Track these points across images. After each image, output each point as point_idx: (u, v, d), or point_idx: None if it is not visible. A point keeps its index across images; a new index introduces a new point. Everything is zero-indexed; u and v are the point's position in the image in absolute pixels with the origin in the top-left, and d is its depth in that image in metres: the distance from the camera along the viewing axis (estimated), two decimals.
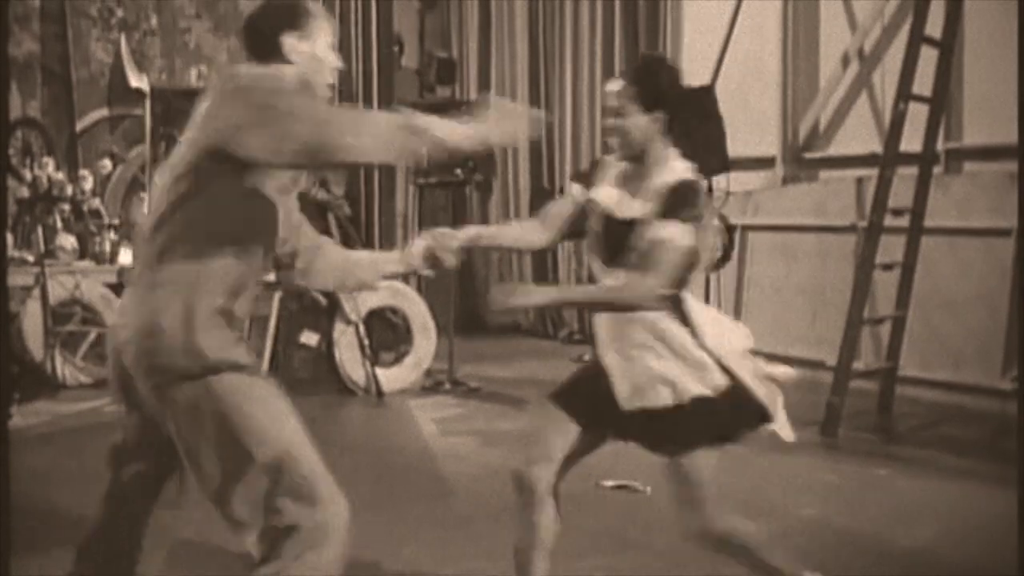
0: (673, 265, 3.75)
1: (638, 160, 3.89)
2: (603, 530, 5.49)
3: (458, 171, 9.49)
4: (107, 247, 10.59)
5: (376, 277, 4.19)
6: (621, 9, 11.51)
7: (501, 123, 3.58)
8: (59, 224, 10.40)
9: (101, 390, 8.99)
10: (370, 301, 9.28)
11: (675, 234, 3.73)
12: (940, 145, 8.36)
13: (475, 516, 5.67)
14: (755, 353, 4.10)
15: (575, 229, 4.14)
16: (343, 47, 10.53)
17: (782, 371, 4.24)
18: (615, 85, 3.92)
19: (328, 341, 9.07)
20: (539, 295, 4.16)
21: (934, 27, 7.73)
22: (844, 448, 7.18)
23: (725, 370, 3.95)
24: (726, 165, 8.97)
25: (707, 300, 8.85)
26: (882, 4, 9.51)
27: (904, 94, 7.60)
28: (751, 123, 10.06)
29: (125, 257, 10.51)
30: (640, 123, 3.84)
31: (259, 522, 3.43)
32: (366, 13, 10.57)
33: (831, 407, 7.47)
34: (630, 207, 3.85)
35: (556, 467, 4.07)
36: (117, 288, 10.01)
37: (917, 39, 7.62)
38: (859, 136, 9.72)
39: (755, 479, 6.34)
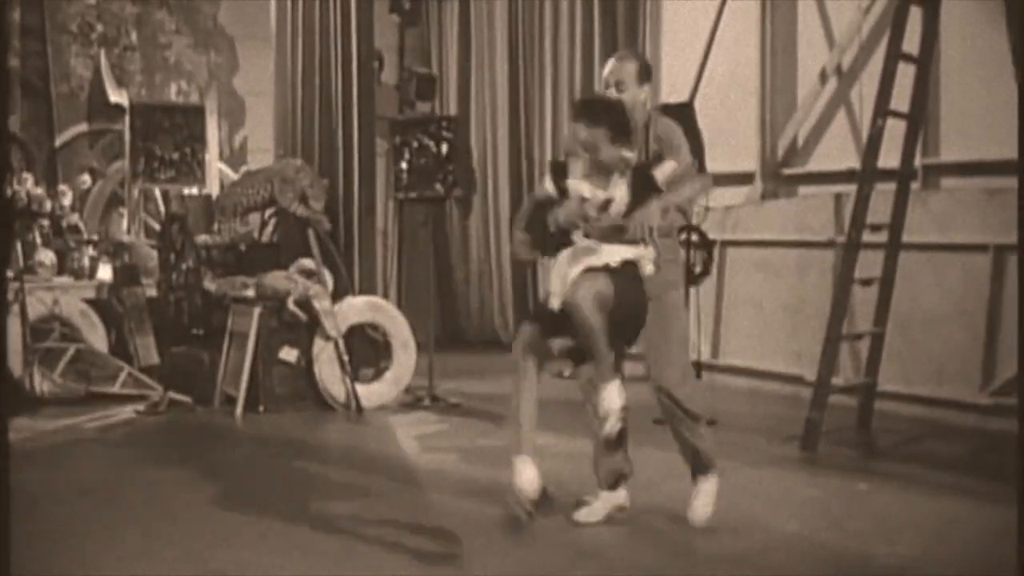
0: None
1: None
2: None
3: (438, 186, 9.48)
4: (86, 263, 10.57)
5: None
6: (600, 26, 11.54)
7: None
8: (38, 240, 10.36)
9: (79, 407, 8.98)
10: (350, 317, 9.28)
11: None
12: (918, 161, 8.39)
13: (455, 532, 5.66)
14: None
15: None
16: (322, 63, 10.57)
17: None
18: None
19: (308, 357, 9.05)
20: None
21: (911, 44, 7.77)
22: (824, 463, 7.19)
23: None
24: None
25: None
26: (859, 21, 9.56)
27: (882, 110, 7.63)
28: (730, 139, 10.10)
29: (104, 273, 10.49)
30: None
31: None
32: (346, 29, 10.56)
33: (811, 422, 7.48)
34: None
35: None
36: (96, 304, 10.00)
37: (894, 56, 7.66)
38: (837, 152, 9.76)
39: (735, 494, 6.33)
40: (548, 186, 5.25)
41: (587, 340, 5.01)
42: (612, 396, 5.07)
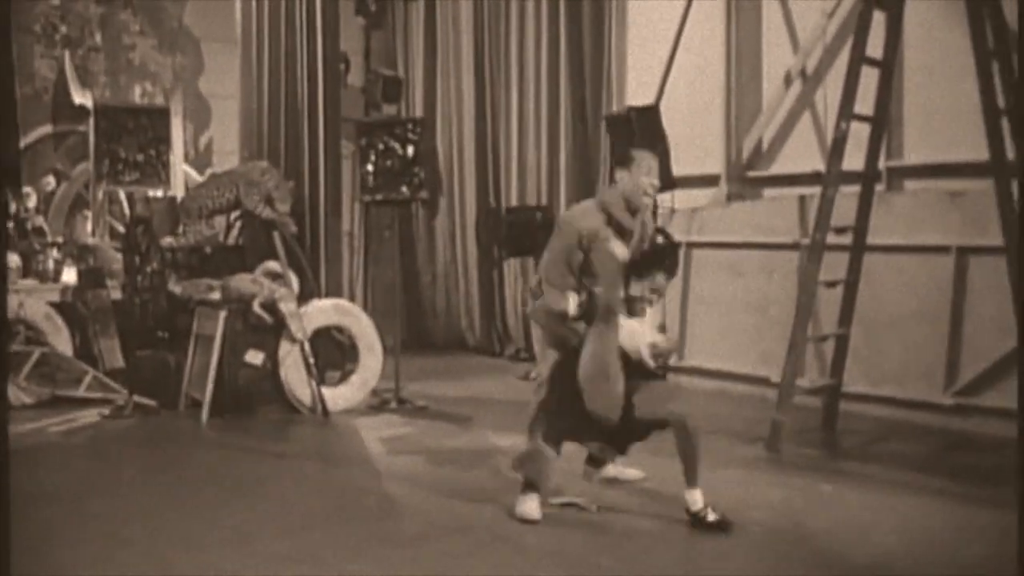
0: None
1: None
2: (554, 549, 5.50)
3: (404, 188, 9.48)
4: (51, 265, 10.51)
5: None
6: (566, 30, 11.56)
7: None
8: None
9: (44, 410, 8.93)
10: (316, 320, 9.26)
11: None
12: (882, 163, 8.44)
13: (422, 534, 5.66)
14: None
15: None
16: (288, 65, 10.55)
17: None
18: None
19: (274, 360, 9.02)
20: None
21: (875, 48, 7.82)
22: (789, 464, 7.23)
23: None
24: (671, 183, 9.03)
25: None
26: (824, 25, 9.62)
27: (846, 113, 7.68)
28: (696, 142, 10.14)
29: (68, 275, 10.44)
30: None
31: None
32: (311, 31, 10.54)
33: (776, 423, 7.52)
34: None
35: None
36: (60, 307, 9.94)
37: (858, 59, 7.70)
38: (802, 155, 9.82)
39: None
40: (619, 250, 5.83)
41: None
42: None
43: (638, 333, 5.68)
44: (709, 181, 10.36)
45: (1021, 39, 6.28)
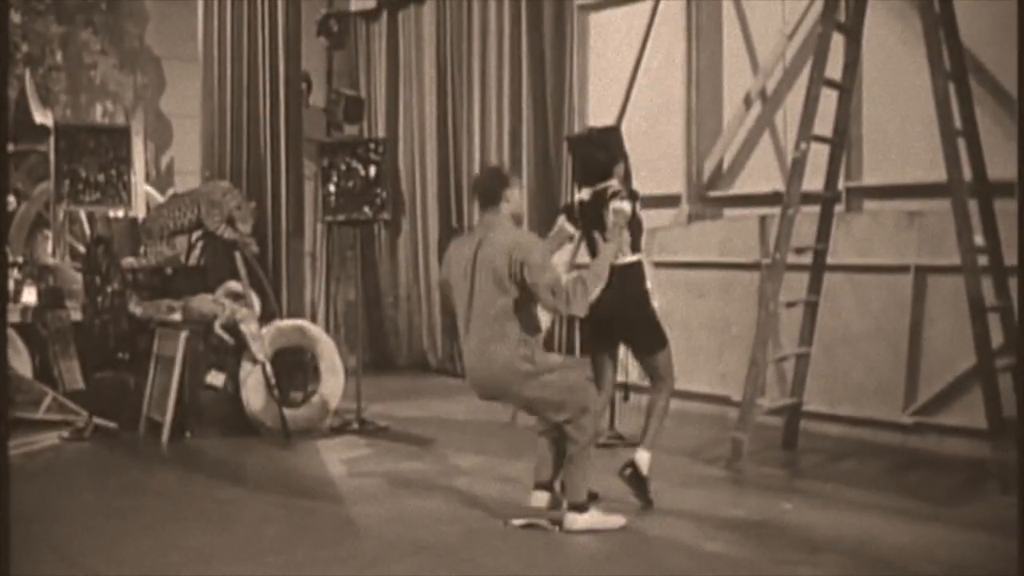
0: None
1: None
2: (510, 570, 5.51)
3: (366, 209, 9.47)
4: (11, 286, 10.43)
5: None
6: (528, 50, 11.60)
7: None
8: None
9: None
10: (278, 341, 9.23)
11: None
12: (841, 184, 8.51)
13: (383, 556, 5.66)
14: None
15: None
16: (250, 84, 10.54)
17: None
18: None
19: (235, 381, 8.99)
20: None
21: (834, 69, 7.89)
22: (749, 483, 7.26)
23: None
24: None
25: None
26: (783, 46, 9.69)
27: (805, 134, 7.73)
28: (657, 162, 10.17)
29: (28, 296, 10.37)
30: None
31: None
32: (273, 51, 10.55)
33: (736, 442, 7.55)
34: None
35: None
36: (20, 327, 9.86)
37: (818, 81, 7.77)
38: (762, 175, 9.88)
39: (660, 514, 6.40)
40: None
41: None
42: None
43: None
44: (670, 201, 10.40)
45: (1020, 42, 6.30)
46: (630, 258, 6.67)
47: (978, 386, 7.31)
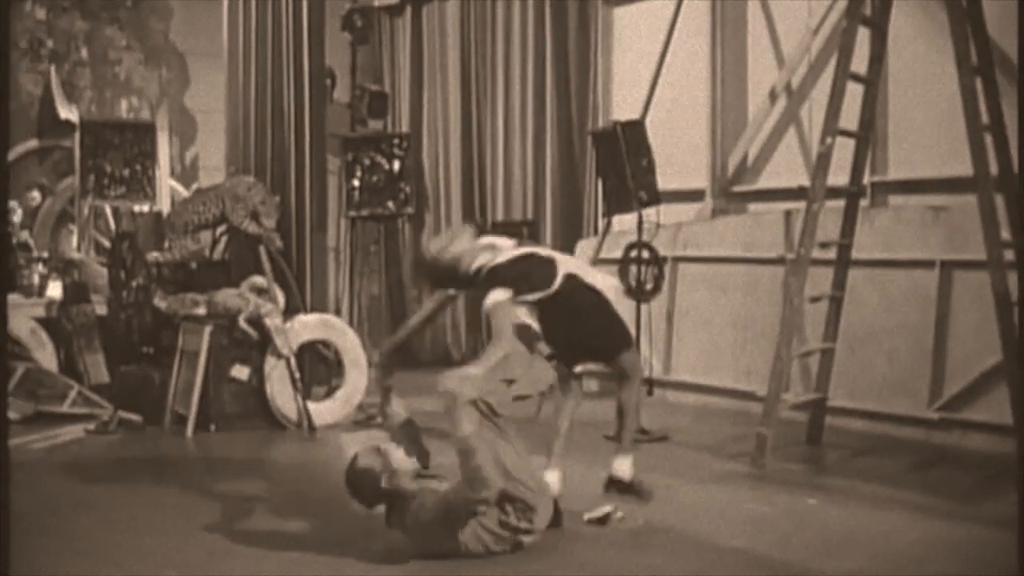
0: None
1: None
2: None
3: (390, 203, 9.48)
4: (36, 280, 10.48)
5: None
6: (553, 45, 11.59)
7: None
8: None
9: (28, 426, 8.90)
10: (302, 335, 9.25)
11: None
12: (866, 179, 8.48)
13: (406, 551, 5.65)
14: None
15: None
16: (274, 79, 10.55)
17: None
18: None
19: (259, 375, 9.01)
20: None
21: (860, 64, 7.86)
22: (773, 479, 7.23)
23: None
24: (656, 198, 9.05)
25: (637, 330, 8.92)
26: (808, 41, 9.66)
27: (831, 129, 7.70)
28: (681, 157, 10.17)
29: (53, 290, 10.41)
30: None
31: None
32: (298, 46, 10.54)
33: (760, 438, 7.52)
34: None
35: None
36: (45, 322, 9.90)
37: (843, 75, 7.73)
38: (787, 170, 9.86)
39: (683, 510, 6.38)
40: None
41: None
42: None
43: None
44: (694, 196, 10.39)
45: (1021, 44, 6.28)
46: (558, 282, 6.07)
47: (1004, 382, 7.28)
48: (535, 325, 6.10)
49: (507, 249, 6.14)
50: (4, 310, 3.52)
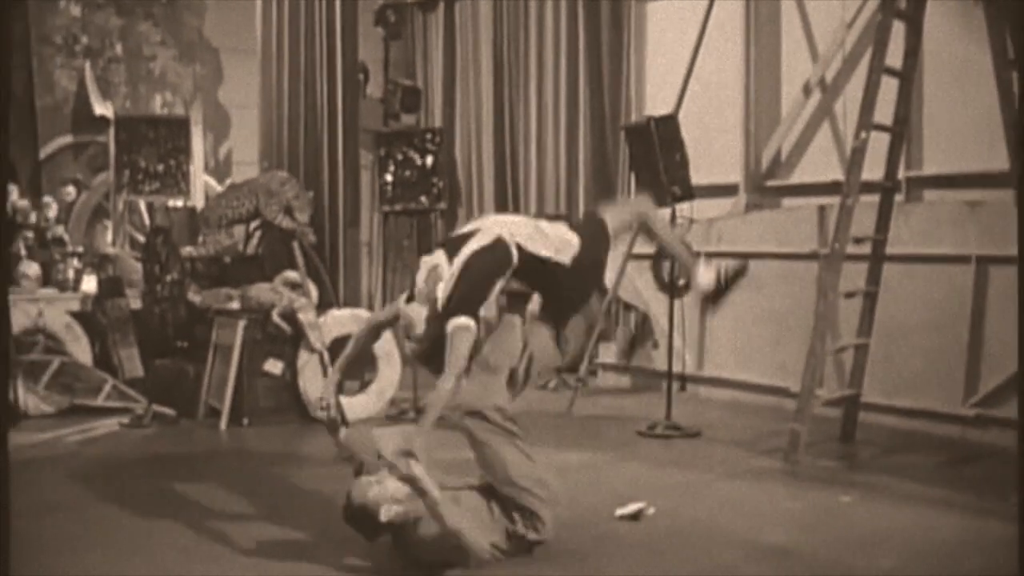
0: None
1: None
2: None
3: (423, 198, 9.49)
4: (71, 275, 10.54)
5: None
6: (585, 40, 11.57)
7: None
8: (23, 251, 10.35)
9: (63, 419, 8.97)
10: (335, 329, 9.27)
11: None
12: (901, 173, 8.43)
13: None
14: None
15: None
16: (307, 75, 10.58)
17: None
18: None
19: (292, 369, 9.05)
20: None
21: (894, 58, 7.81)
22: (807, 475, 7.19)
23: None
24: (689, 193, 9.02)
25: (671, 327, 8.91)
26: (843, 35, 9.61)
27: (865, 123, 7.66)
28: (714, 152, 10.13)
29: (88, 285, 10.47)
30: None
31: None
32: (331, 41, 10.59)
33: (794, 434, 7.49)
34: None
35: None
36: (80, 316, 9.97)
37: (878, 69, 7.69)
38: (821, 164, 9.80)
39: (716, 506, 6.37)
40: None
41: None
42: None
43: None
44: (727, 191, 10.35)
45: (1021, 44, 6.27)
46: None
47: None
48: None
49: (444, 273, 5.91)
50: (5, 308, 3.52)
